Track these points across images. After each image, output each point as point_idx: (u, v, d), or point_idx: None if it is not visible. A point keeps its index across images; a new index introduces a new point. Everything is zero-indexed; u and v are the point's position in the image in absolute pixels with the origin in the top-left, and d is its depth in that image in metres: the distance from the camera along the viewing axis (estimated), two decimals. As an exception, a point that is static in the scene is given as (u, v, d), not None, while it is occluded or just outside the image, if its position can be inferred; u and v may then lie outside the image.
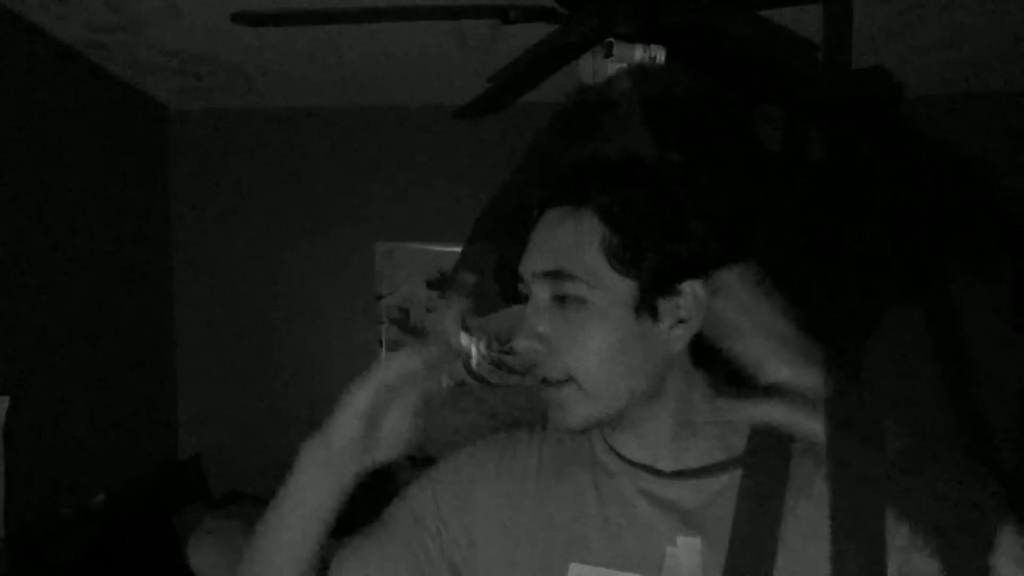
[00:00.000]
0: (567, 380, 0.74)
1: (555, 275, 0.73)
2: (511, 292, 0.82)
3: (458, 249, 3.01)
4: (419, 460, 3.39)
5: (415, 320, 3.04)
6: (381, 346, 3.03)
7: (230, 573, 2.62)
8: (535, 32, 1.70)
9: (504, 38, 2.22)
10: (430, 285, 3.04)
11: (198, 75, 2.64)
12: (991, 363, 2.91)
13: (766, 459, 0.74)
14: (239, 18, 1.70)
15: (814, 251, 2.94)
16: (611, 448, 0.80)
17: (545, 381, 0.76)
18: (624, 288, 0.72)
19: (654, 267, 0.72)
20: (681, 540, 0.72)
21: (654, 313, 0.73)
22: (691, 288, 0.73)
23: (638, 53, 1.59)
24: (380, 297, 3.04)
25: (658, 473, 0.76)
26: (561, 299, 0.74)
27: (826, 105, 2.96)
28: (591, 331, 0.72)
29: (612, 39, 1.62)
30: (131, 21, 2.15)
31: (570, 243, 0.73)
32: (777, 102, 2.92)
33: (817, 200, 2.96)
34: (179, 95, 2.89)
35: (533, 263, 0.76)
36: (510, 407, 3.06)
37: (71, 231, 2.38)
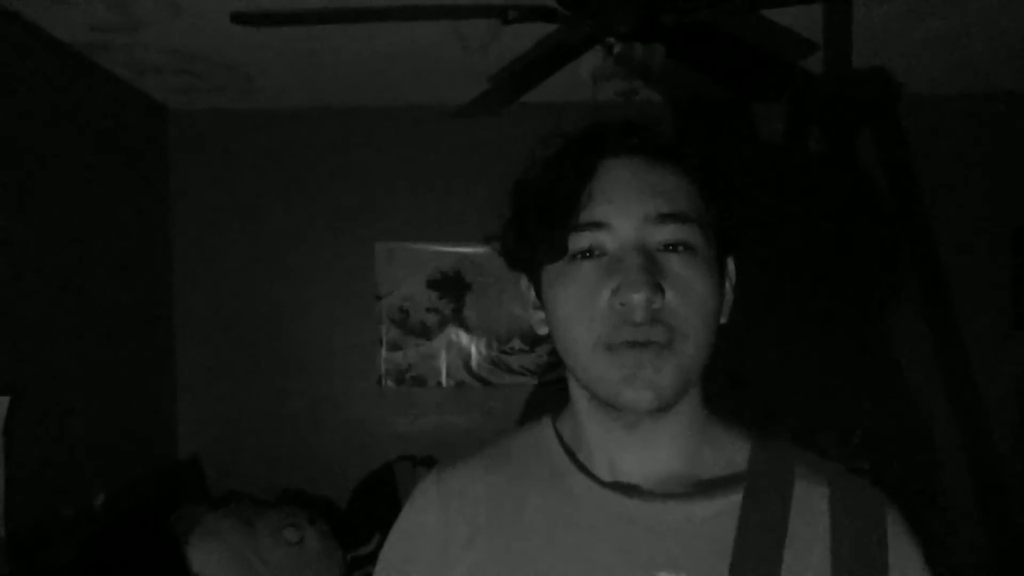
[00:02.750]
0: (674, 339, 0.63)
1: (677, 218, 0.65)
2: (534, 253, 0.70)
3: (458, 249, 3.01)
4: (419, 459, 3.39)
5: (415, 320, 3.04)
6: (381, 346, 3.03)
7: (230, 573, 2.63)
8: (535, 32, 1.70)
9: (504, 38, 2.22)
10: (430, 285, 3.04)
11: (198, 75, 2.64)
12: (991, 362, 2.92)
13: (769, 484, 0.67)
14: (239, 18, 1.70)
15: (813, 249, 2.94)
16: (579, 466, 0.71)
17: (634, 344, 0.62)
18: (715, 244, 0.68)
19: (724, 227, 0.69)
20: None
21: (723, 279, 0.70)
22: (730, 263, 0.71)
23: (638, 53, 1.59)
24: (380, 297, 3.04)
25: (636, 493, 0.68)
26: (671, 247, 0.65)
27: (826, 105, 2.96)
28: (703, 283, 0.65)
29: (612, 39, 1.62)
30: (131, 21, 2.15)
31: (682, 187, 0.67)
32: (777, 101, 2.92)
33: (816, 198, 2.96)
34: (179, 95, 2.89)
35: (643, 206, 0.65)
36: (510, 407, 3.07)
37: (71, 231, 2.38)
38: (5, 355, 2.04)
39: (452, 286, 3.04)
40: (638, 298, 0.61)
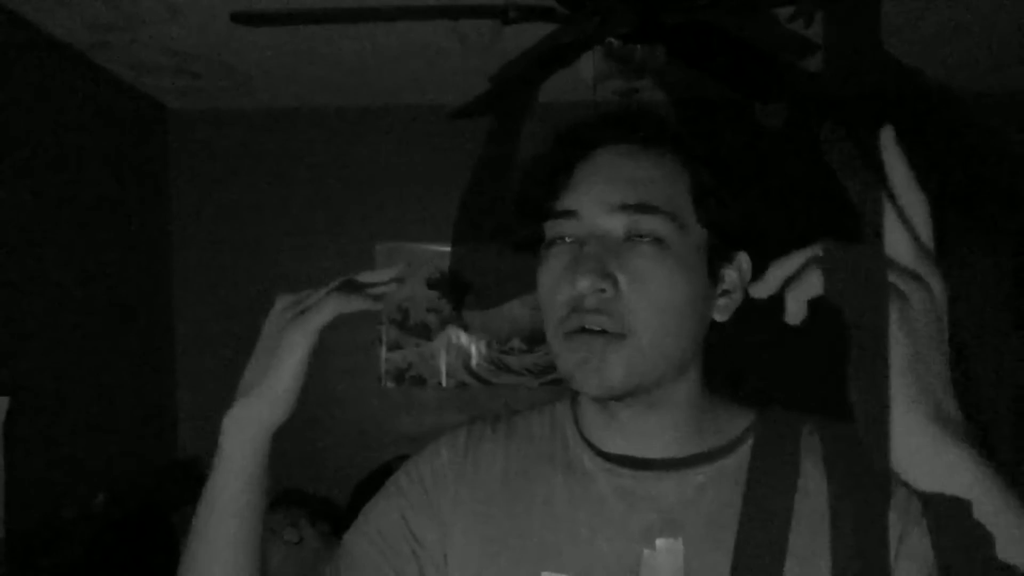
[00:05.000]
0: (624, 333, 0.63)
1: (639, 209, 0.64)
2: (526, 238, 0.73)
3: (458, 249, 3.01)
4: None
5: (415, 320, 3.04)
6: (381, 346, 3.03)
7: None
8: (535, 32, 1.70)
9: (504, 38, 2.22)
10: (430, 285, 3.04)
11: (198, 75, 2.64)
12: (991, 361, 2.91)
13: (773, 449, 0.68)
14: (239, 18, 1.70)
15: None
16: (587, 441, 0.73)
17: (588, 331, 0.64)
18: (703, 237, 0.66)
19: (726, 221, 0.67)
20: (660, 543, 0.66)
21: (716, 273, 0.68)
22: (740, 259, 0.69)
23: (638, 53, 1.59)
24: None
25: (636, 464, 0.69)
26: (637, 237, 0.64)
27: (826, 105, 2.96)
28: (668, 277, 0.63)
29: (612, 39, 1.62)
30: (131, 21, 2.15)
31: (656, 177, 0.65)
32: (778, 101, 2.92)
33: (816, 197, 2.96)
34: (179, 95, 2.89)
35: (607, 194, 0.65)
36: (510, 407, 3.07)
37: (71, 231, 2.38)
38: (5, 355, 2.04)
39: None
40: (582, 284, 0.62)
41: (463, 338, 3.03)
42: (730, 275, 0.69)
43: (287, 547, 2.42)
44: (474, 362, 3.02)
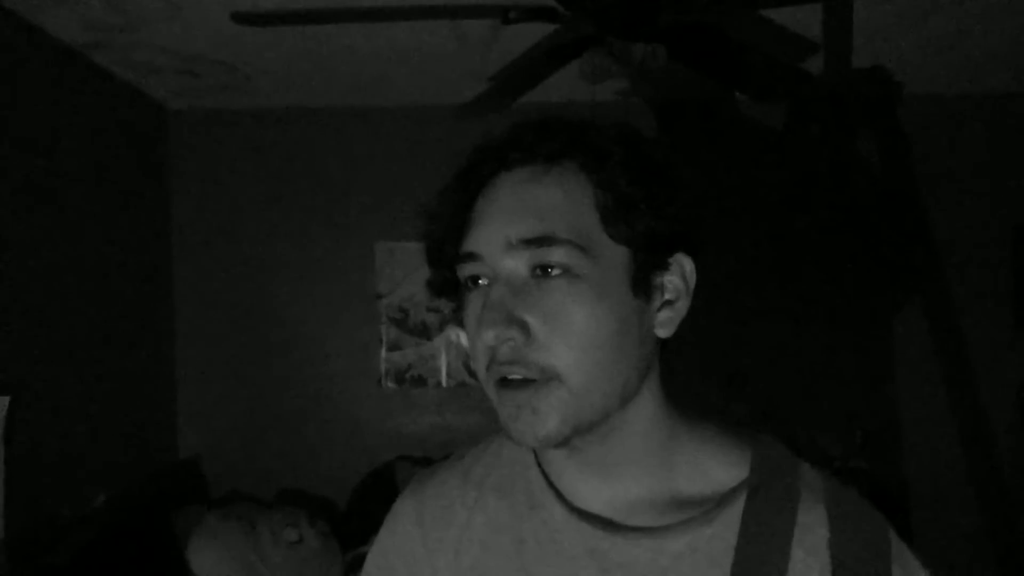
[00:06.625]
0: (549, 378, 0.58)
1: (541, 242, 0.58)
2: (444, 283, 0.68)
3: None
4: (418, 459, 3.38)
5: (415, 320, 3.04)
6: (381, 345, 3.04)
7: (230, 573, 2.62)
8: (535, 32, 1.70)
9: (504, 38, 2.22)
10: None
11: (198, 75, 2.64)
12: (991, 362, 2.92)
13: (767, 522, 0.61)
14: (239, 18, 1.70)
15: (814, 249, 2.94)
16: (555, 492, 0.67)
17: (508, 382, 0.59)
18: (620, 257, 0.60)
19: (650, 231, 0.60)
20: None
21: (648, 289, 0.61)
22: (680, 262, 0.62)
23: (638, 52, 1.59)
24: (380, 297, 3.04)
25: (610, 527, 0.64)
26: (544, 272, 0.59)
27: (826, 105, 2.96)
28: (585, 311, 0.58)
29: (612, 39, 1.62)
30: (131, 21, 2.15)
31: (557, 203, 0.59)
32: (777, 101, 2.92)
33: (816, 198, 2.96)
34: (179, 95, 2.89)
35: (505, 231, 0.60)
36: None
37: (71, 231, 2.38)
38: (5, 355, 2.04)
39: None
40: (488, 337, 0.59)
41: (463, 338, 3.02)
42: (670, 283, 0.63)
43: (287, 547, 2.42)
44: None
